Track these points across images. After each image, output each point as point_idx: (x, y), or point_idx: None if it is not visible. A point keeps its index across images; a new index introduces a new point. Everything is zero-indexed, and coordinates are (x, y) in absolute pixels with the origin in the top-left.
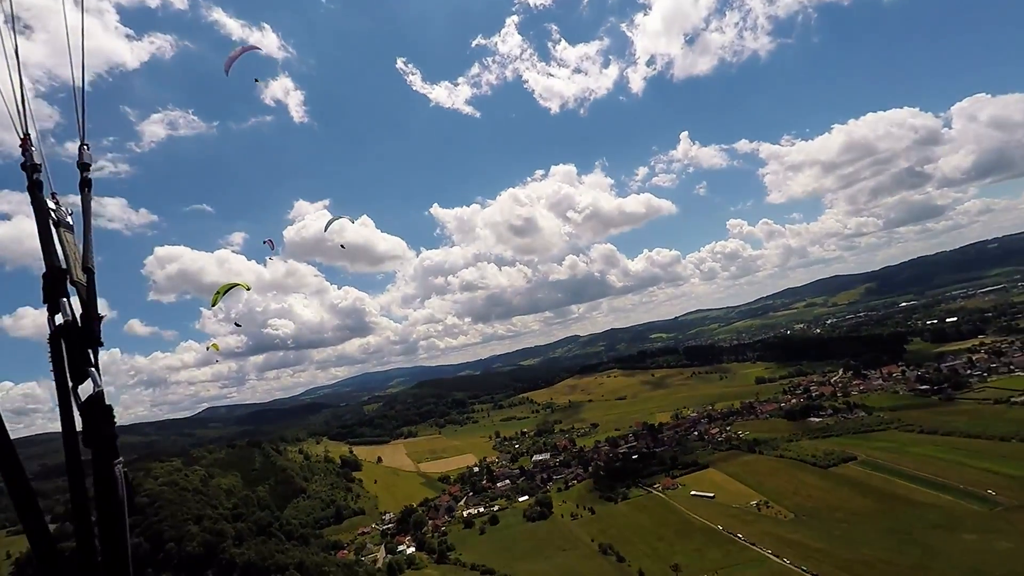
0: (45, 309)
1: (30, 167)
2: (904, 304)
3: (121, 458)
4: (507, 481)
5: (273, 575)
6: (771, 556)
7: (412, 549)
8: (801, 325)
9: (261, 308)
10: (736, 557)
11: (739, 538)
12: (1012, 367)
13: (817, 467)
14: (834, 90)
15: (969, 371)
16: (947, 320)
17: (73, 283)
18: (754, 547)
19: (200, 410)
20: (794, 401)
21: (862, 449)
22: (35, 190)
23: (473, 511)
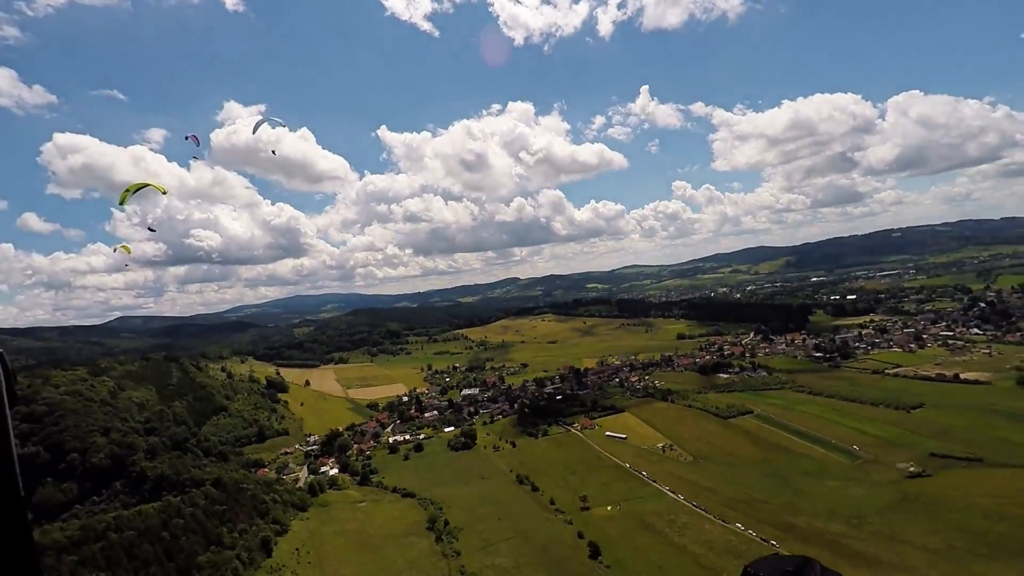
0: None
1: None
2: (815, 279)
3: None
4: (435, 412)
5: (188, 488)
6: (668, 492)
7: (335, 471)
8: (724, 289)
9: (183, 216)
10: (638, 491)
11: (643, 475)
12: (892, 343)
13: (719, 417)
14: (790, 65)
15: (857, 344)
16: (847, 297)
17: None
18: (655, 483)
19: (111, 319)
20: (708, 358)
21: (759, 404)
22: None
23: (399, 438)
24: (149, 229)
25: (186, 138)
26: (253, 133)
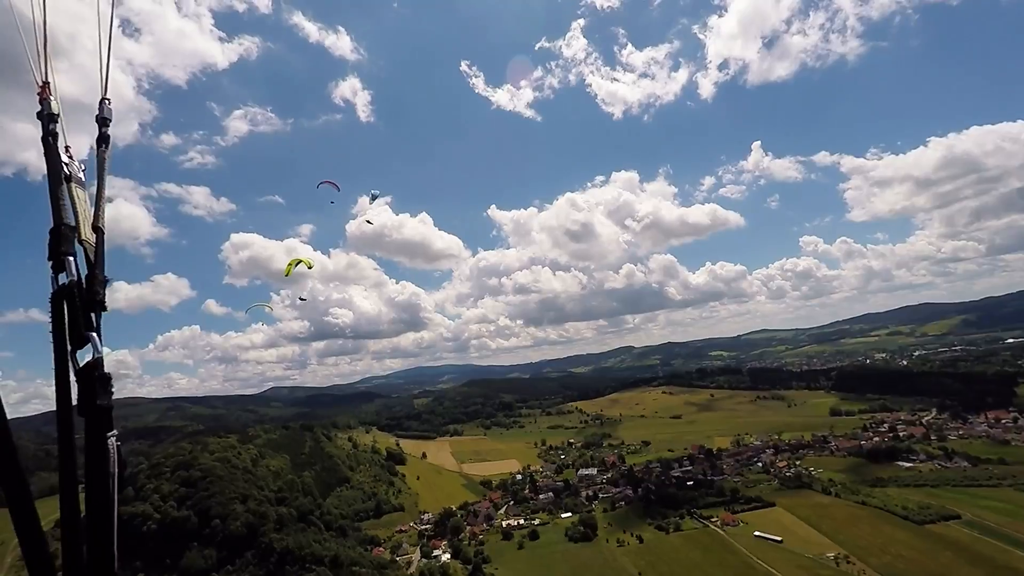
0: (51, 269)
1: (46, 116)
2: (1011, 340)
3: (115, 431)
4: (550, 493)
5: (308, 565)
6: None
7: (447, 556)
8: (882, 355)
9: (323, 297)
10: None
11: None
12: None
13: (910, 521)
14: (932, 100)
15: None
16: None
17: (81, 242)
18: None
19: (265, 388)
20: (876, 440)
21: (967, 507)
22: (49, 140)
23: (513, 522)
24: (300, 299)
25: (320, 184)
26: (370, 203)
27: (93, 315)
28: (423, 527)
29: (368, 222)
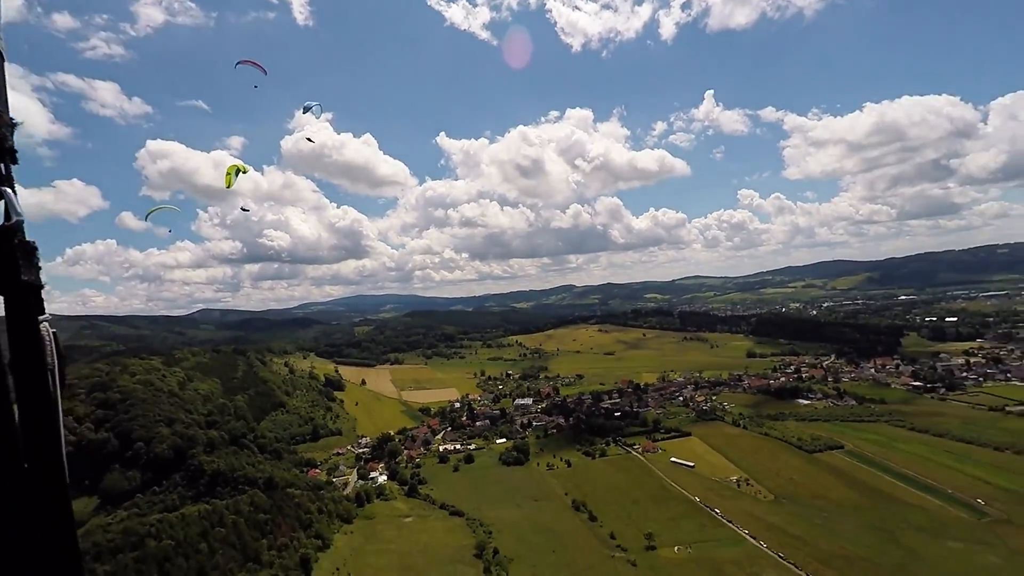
0: None
1: None
2: (904, 297)
3: (49, 314)
4: (487, 421)
5: (241, 485)
6: (748, 536)
7: (384, 478)
8: (797, 305)
9: (257, 218)
10: (712, 533)
11: (716, 513)
12: (1009, 375)
13: (802, 450)
14: (874, 66)
15: (965, 373)
16: (947, 319)
17: None
18: (731, 524)
19: (194, 310)
20: (783, 380)
21: (850, 438)
22: None
23: (450, 447)
24: (243, 209)
25: (239, 64)
26: (303, 113)
27: (2, 165)
28: (360, 451)
29: (308, 139)
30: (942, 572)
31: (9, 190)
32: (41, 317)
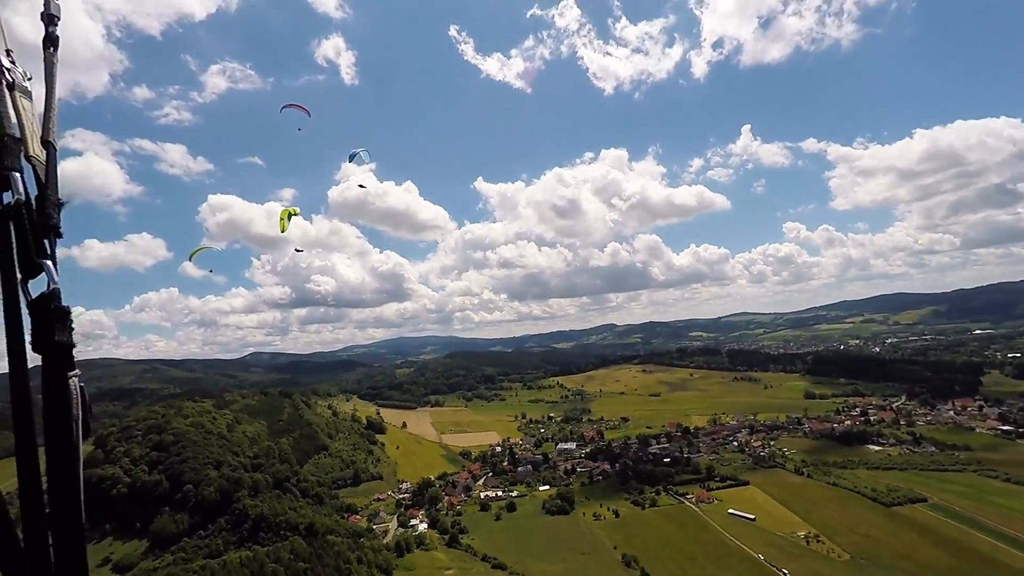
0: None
1: (46, 16)
2: (979, 332)
3: (78, 371)
4: (529, 467)
5: (283, 532)
6: None
7: (424, 526)
8: (856, 341)
9: (305, 264)
10: None
11: (784, 574)
12: None
13: (879, 503)
14: (921, 91)
15: None
16: None
17: (29, 158)
18: None
19: (246, 354)
20: (848, 423)
21: (933, 490)
22: (47, 42)
23: (491, 493)
24: (296, 250)
25: (282, 108)
26: (349, 161)
27: (47, 241)
28: (401, 496)
29: (360, 185)
30: None
31: (50, 263)
32: (71, 373)
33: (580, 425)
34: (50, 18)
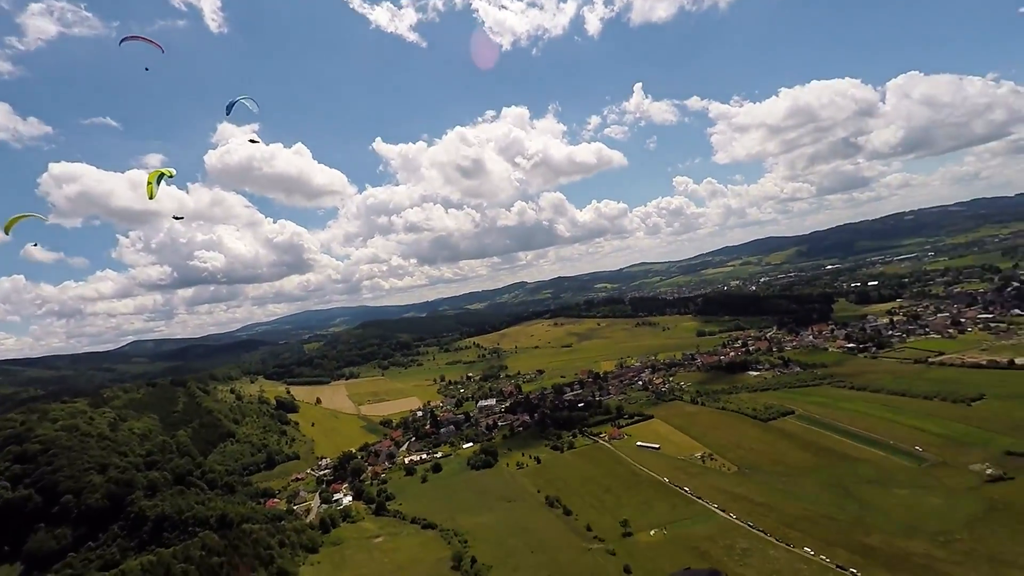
0: None
1: None
2: (830, 267)
3: None
4: (451, 427)
5: (191, 527)
6: (717, 511)
7: (349, 498)
8: (737, 282)
9: (186, 239)
10: (684, 511)
11: (686, 491)
12: (927, 329)
13: (758, 420)
14: (786, 53)
15: (890, 332)
16: (869, 284)
17: None
18: (701, 501)
19: (124, 344)
20: (732, 355)
21: (799, 403)
22: None
23: (415, 458)
24: (175, 217)
25: (121, 41)
26: (227, 114)
27: None
28: (321, 473)
29: (253, 140)
30: (893, 517)
31: None
32: None
33: (498, 381)
34: None
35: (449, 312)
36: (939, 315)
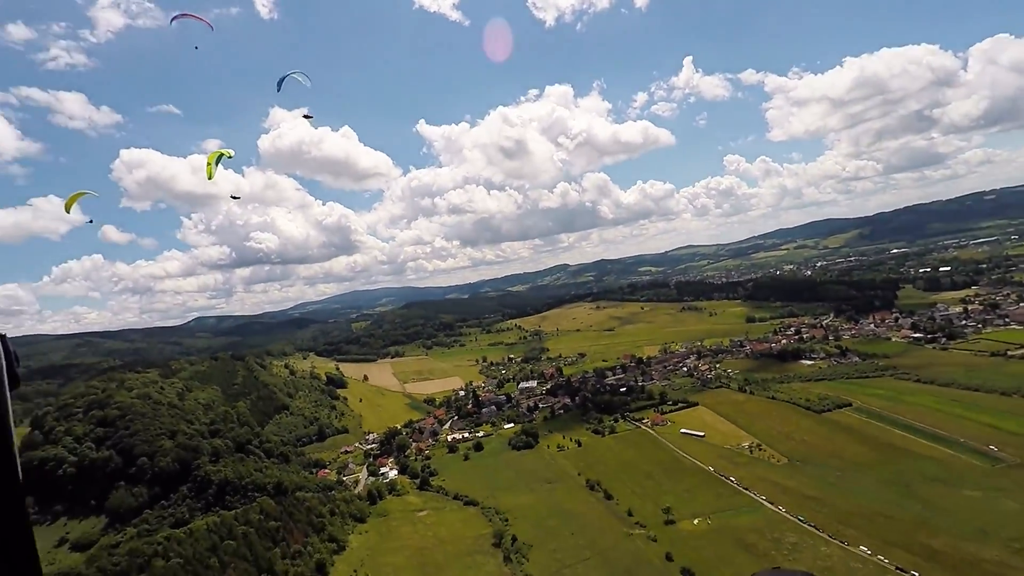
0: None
1: None
2: (896, 251)
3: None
4: (493, 407)
5: (250, 492)
6: (765, 502)
7: (394, 472)
8: (791, 266)
9: (243, 221)
10: (729, 501)
11: (731, 481)
12: (1008, 320)
13: (811, 411)
14: (851, 19)
15: (964, 322)
16: (940, 270)
17: None
18: (747, 492)
19: (189, 319)
20: (784, 342)
21: (857, 395)
22: None
23: (458, 436)
24: (233, 197)
25: (172, 19)
26: (278, 90)
27: None
28: (369, 447)
29: (307, 116)
30: (962, 521)
31: None
32: None
33: (539, 364)
34: None
35: (491, 294)
36: (1022, 304)
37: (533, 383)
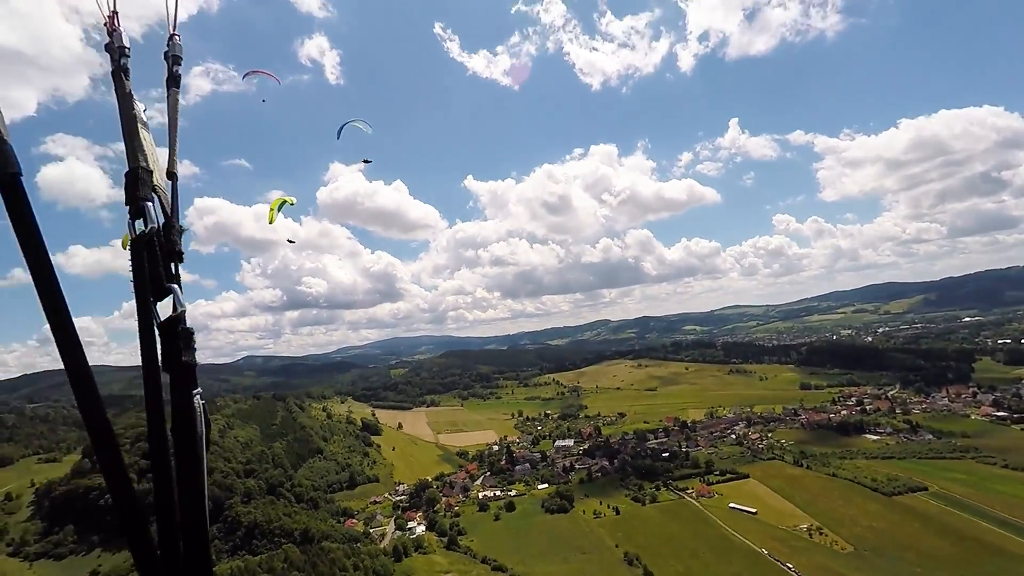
0: (128, 215)
1: (117, 49)
2: (968, 319)
3: (200, 389)
4: (527, 465)
5: (277, 539)
6: None
7: (422, 528)
8: (848, 331)
9: (296, 266)
10: None
11: (789, 568)
12: None
13: (879, 493)
14: (906, 81)
15: None
16: (1023, 341)
17: (153, 188)
18: None
19: (239, 358)
20: (845, 413)
21: (933, 479)
22: (120, 75)
23: (489, 493)
24: (289, 240)
25: (245, 75)
26: (338, 138)
27: (173, 266)
28: (398, 499)
29: (366, 160)
30: None
31: (177, 287)
32: (195, 391)
33: (577, 422)
34: (175, 59)
35: (529, 347)
36: None
37: (570, 442)
